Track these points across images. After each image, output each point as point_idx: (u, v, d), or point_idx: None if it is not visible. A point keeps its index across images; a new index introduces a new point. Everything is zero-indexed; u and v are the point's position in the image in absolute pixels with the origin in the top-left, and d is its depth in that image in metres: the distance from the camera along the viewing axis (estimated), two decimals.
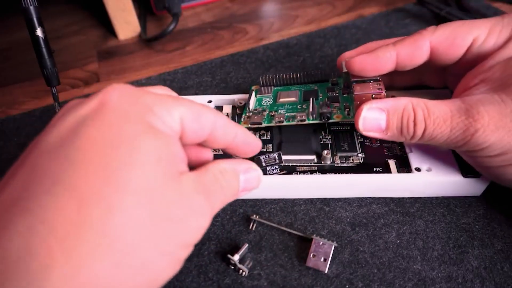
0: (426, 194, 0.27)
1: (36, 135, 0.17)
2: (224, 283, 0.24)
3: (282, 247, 0.26)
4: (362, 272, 0.24)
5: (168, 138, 0.17)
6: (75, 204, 0.14)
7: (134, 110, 0.17)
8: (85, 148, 0.15)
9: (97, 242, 0.14)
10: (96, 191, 0.14)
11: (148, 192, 0.15)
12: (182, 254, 0.17)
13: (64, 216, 0.14)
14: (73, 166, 0.15)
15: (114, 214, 0.14)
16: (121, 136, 0.16)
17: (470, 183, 0.26)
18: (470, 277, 0.23)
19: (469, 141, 0.22)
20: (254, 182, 0.22)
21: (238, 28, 0.49)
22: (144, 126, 0.16)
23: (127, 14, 0.47)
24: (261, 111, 0.30)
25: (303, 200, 0.28)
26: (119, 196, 0.15)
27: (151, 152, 0.16)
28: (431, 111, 0.23)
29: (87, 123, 0.16)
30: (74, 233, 0.14)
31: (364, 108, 0.24)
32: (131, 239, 0.15)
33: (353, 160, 0.28)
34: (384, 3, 0.51)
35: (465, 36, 0.25)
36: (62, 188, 0.14)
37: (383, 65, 0.26)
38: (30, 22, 0.28)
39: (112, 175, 0.15)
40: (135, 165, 0.15)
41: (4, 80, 0.44)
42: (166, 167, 0.16)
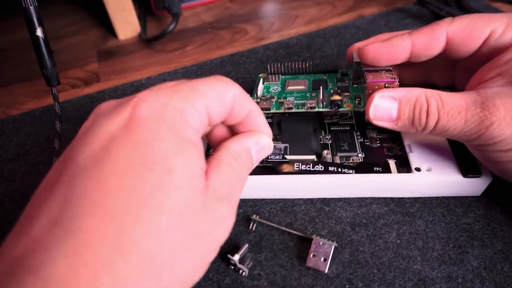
0: (426, 194, 0.27)
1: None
2: (224, 283, 0.24)
3: (282, 247, 0.26)
4: (362, 272, 0.24)
5: (197, 152, 0.17)
6: (115, 228, 0.14)
7: (165, 123, 0.16)
8: (120, 170, 0.15)
9: (137, 263, 0.14)
10: (133, 214, 0.15)
11: (181, 213, 0.16)
12: (211, 257, 0.18)
13: (106, 239, 0.14)
14: (110, 189, 0.15)
15: (151, 235, 0.15)
16: (153, 156, 0.16)
17: (470, 183, 0.26)
18: (470, 277, 0.23)
19: (483, 134, 0.21)
20: (266, 151, 0.22)
21: (238, 28, 0.49)
22: (175, 141, 0.16)
23: (127, 14, 0.47)
24: (269, 98, 0.30)
25: (303, 200, 0.28)
26: (154, 219, 0.15)
27: (182, 171, 0.16)
28: (445, 102, 0.22)
29: (118, 141, 0.16)
30: (116, 255, 0.14)
31: (376, 96, 0.24)
32: (166, 257, 0.15)
33: (353, 160, 0.28)
34: (384, 3, 0.51)
35: (482, 28, 0.24)
36: (102, 211, 0.14)
37: (398, 54, 0.25)
38: (30, 22, 0.28)
39: (147, 198, 0.15)
40: (168, 187, 0.16)
41: (4, 80, 0.44)
42: (195, 183, 0.17)
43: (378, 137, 0.30)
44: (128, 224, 0.14)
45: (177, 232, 0.16)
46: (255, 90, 0.30)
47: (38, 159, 0.33)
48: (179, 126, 0.17)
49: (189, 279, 0.17)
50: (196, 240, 0.17)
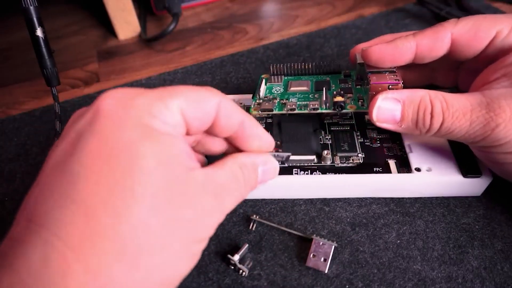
0: (426, 194, 0.27)
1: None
2: (224, 283, 0.24)
3: (282, 247, 0.26)
4: (362, 272, 0.24)
5: (168, 139, 0.17)
6: (83, 215, 0.15)
7: (130, 115, 0.16)
8: (87, 161, 0.15)
9: (109, 248, 0.15)
10: (101, 201, 0.15)
11: (153, 197, 0.16)
12: (196, 248, 0.18)
13: (75, 227, 0.14)
14: (78, 179, 0.15)
15: (122, 220, 0.15)
16: (119, 145, 0.16)
17: (470, 183, 0.26)
18: (470, 277, 0.23)
19: (488, 136, 0.21)
20: (271, 174, 0.22)
21: (238, 28, 0.49)
22: (141, 130, 0.16)
23: (127, 14, 0.47)
24: (271, 99, 0.29)
25: (303, 200, 0.28)
26: (125, 203, 0.15)
27: (151, 156, 0.16)
28: (450, 104, 0.22)
29: (85, 136, 0.16)
30: (86, 242, 0.14)
31: (379, 97, 0.24)
32: (142, 242, 0.15)
33: (353, 160, 0.28)
34: (384, 3, 0.51)
35: (488, 29, 0.24)
36: (70, 201, 0.15)
37: (402, 55, 0.25)
38: (30, 22, 0.28)
39: (116, 184, 0.15)
40: (137, 172, 0.15)
41: (4, 80, 0.44)
42: (168, 169, 0.16)
43: (378, 137, 0.30)
44: (97, 210, 0.15)
45: (151, 216, 0.15)
46: (257, 91, 0.30)
47: (38, 159, 0.33)
48: (145, 117, 0.17)
49: (173, 269, 0.17)
50: (176, 226, 0.16)
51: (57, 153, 0.16)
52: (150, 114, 0.17)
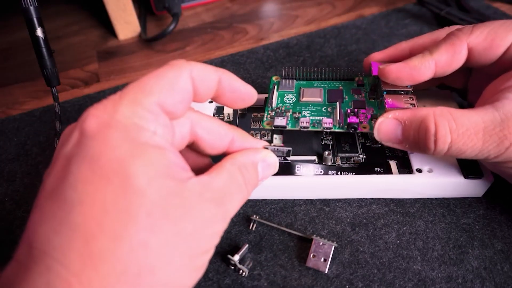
0: (427, 195, 0.27)
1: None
2: (224, 283, 0.24)
3: (282, 247, 0.26)
4: (362, 272, 0.24)
5: (157, 152, 0.17)
6: (82, 240, 0.15)
7: (115, 132, 0.16)
8: (79, 186, 0.15)
9: (110, 270, 0.15)
10: (98, 224, 0.15)
11: (148, 215, 0.15)
12: (201, 260, 0.18)
13: (75, 253, 0.15)
14: (72, 206, 0.15)
15: (120, 243, 0.15)
16: (109, 166, 0.16)
17: (471, 184, 0.26)
18: (470, 278, 0.23)
19: (502, 154, 0.20)
20: (272, 169, 0.22)
21: (238, 28, 0.49)
22: (129, 146, 0.16)
23: (127, 14, 0.47)
24: (284, 111, 0.29)
25: (303, 201, 0.28)
26: (121, 225, 0.15)
27: (141, 174, 0.16)
28: (460, 123, 0.21)
29: (74, 160, 0.16)
30: (88, 266, 0.14)
31: (381, 118, 0.23)
32: (142, 262, 0.15)
33: (354, 160, 0.28)
34: (384, 3, 0.51)
35: (504, 37, 0.23)
36: (68, 228, 0.15)
37: (421, 75, 0.24)
38: (30, 22, 0.28)
39: (110, 206, 0.15)
40: (129, 192, 0.15)
41: (4, 80, 0.44)
42: (161, 184, 0.16)
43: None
44: (95, 235, 0.15)
45: (149, 235, 0.15)
46: (269, 100, 0.29)
47: (38, 159, 0.33)
48: (131, 131, 0.16)
49: (179, 283, 0.17)
50: (176, 242, 0.16)
51: (51, 179, 0.16)
52: (136, 126, 0.16)
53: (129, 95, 0.17)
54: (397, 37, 0.44)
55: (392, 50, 0.29)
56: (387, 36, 0.45)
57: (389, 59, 0.29)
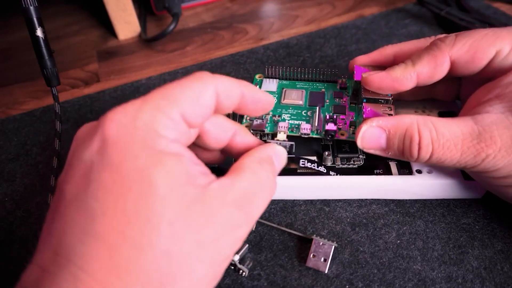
0: (427, 196, 0.27)
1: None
2: (224, 283, 0.24)
3: (282, 247, 0.26)
4: (362, 272, 0.24)
5: (177, 160, 0.17)
6: (106, 249, 0.15)
7: (136, 139, 0.16)
8: (101, 195, 0.16)
9: (134, 279, 0.15)
10: (121, 234, 0.15)
11: (170, 224, 0.15)
12: (221, 267, 0.18)
13: (99, 262, 0.15)
14: (95, 215, 0.15)
15: (143, 252, 0.15)
16: (130, 175, 0.16)
17: (471, 185, 0.26)
18: (470, 278, 0.23)
19: (478, 165, 0.21)
20: (282, 160, 0.22)
21: (238, 28, 0.49)
22: (149, 155, 0.16)
23: (127, 14, 0.47)
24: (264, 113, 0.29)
25: (303, 201, 0.28)
26: (144, 234, 0.15)
27: (162, 183, 0.16)
28: (440, 134, 0.21)
29: (95, 168, 0.16)
30: (112, 275, 0.15)
31: (364, 125, 0.23)
32: (165, 271, 0.15)
33: (354, 161, 0.28)
34: (384, 3, 0.51)
35: (487, 49, 0.23)
36: (91, 237, 0.15)
37: (403, 86, 0.25)
38: (30, 22, 0.28)
39: (132, 216, 0.15)
40: (150, 202, 0.15)
41: (4, 80, 0.44)
42: (182, 192, 0.16)
43: None
44: (117, 244, 0.15)
45: (172, 244, 0.15)
46: None
47: (38, 159, 0.33)
48: (151, 139, 0.16)
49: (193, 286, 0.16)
50: (199, 250, 0.16)
51: (71, 187, 0.16)
52: (155, 133, 0.17)
53: (152, 101, 0.17)
54: (397, 37, 0.44)
55: (377, 54, 0.28)
56: (387, 36, 0.45)
57: (374, 63, 0.29)
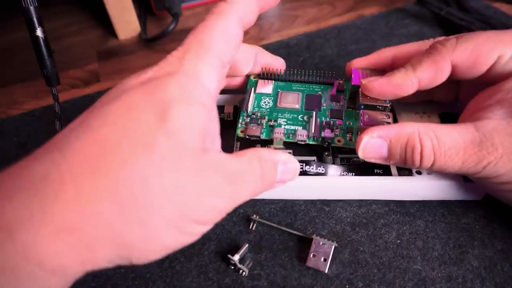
0: (426, 197, 0.27)
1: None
2: (224, 283, 0.24)
3: (282, 247, 0.26)
4: (362, 272, 0.24)
5: (203, 112, 0.18)
6: (97, 151, 0.15)
7: (176, 78, 0.18)
8: (120, 109, 0.17)
9: (106, 185, 0.15)
10: (117, 145, 0.16)
11: (163, 158, 0.16)
12: (191, 227, 0.18)
13: (83, 157, 0.15)
14: (105, 122, 0.16)
15: (125, 167, 0.15)
16: (154, 103, 0.17)
17: (471, 187, 0.26)
18: (470, 277, 0.23)
19: (480, 172, 0.21)
20: (291, 174, 0.22)
21: None
22: (180, 93, 0.17)
23: (127, 14, 0.47)
24: (259, 118, 0.28)
25: (303, 200, 0.28)
26: (136, 154, 0.16)
27: (178, 122, 0.17)
28: (442, 142, 0.21)
29: (131, 90, 0.18)
30: (87, 173, 0.15)
31: (365, 136, 0.23)
32: (137, 194, 0.16)
33: (353, 162, 0.28)
34: (384, 3, 0.51)
35: (489, 54, 0.23)
36: (91, 138, 0.16)
37: (403, 91, 0.24)
38: (30, 22, 0.28)
39: (135, 135, 0.16)
40: (159, 131, 0.16)
41: (4, 80, 0.44)
42: (189, 138, 0.17)
43: None
44: (109, 151, 0.16)
45: (154, 175, 0.16)
46: (245, 103, 0.28)
47: None
48: (190, 84, 0.18)
49: (160, 238, 0.17)
50: (175, 196, 0.16)
51: (103, 99, 0.18)
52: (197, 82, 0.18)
53: (192, 50, 0.19)
54: (397, 37, 0.44)
55: (375, 57, 0.28)
56: (387, 36, 0.45)
57: (372, 65, 0.28)
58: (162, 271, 0.25)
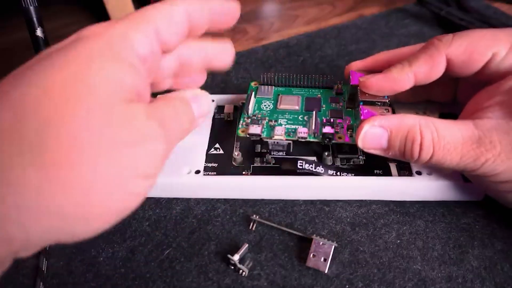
0: (426, 198, 0.27)
1: None
2: (224, 283, 0.24)
3: (282, 247, 0.26)
4: (362, 272, 0.24)
5: (128, 66, 0.17)
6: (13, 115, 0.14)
7: (101, 38, 0.17)
8: (37, 70, 0.16)
9: (27, 150, 0.14)
10: (35, 105, 0.15)
11: (89, 112, 0.15)
12: (136, 185, 0.17)
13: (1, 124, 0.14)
14: (22, 83, 0.15)
15: (48, 127, 0.14)
16: (75, 59, 0.16)
17: (471, 187, 0.26)
18: (470, 277, 0.23)
19: (478, 169, 0.21)
20: (205, 106, 0.22)
21: (238, 28, 0.49)
22: (104, 50, 0.17)
23: None
24: (260, 119, 0.28)
25: (303, 200, 0.28)
26: (56, 112, 0.14)
27: (101, 75, 0.16)
28: (442, 136, 0.21)
29: (52, 51, 0.17)
30: (6, 139, 0.14)
31: (366, 125, 0.23)
32: (64, 154, 0.14)
33: (353, 162, 0.28)
34: (384, 3, 0.51)
35: (484, 51, 0.23)
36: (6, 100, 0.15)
37: (400, 86, 0.25)
38: (30, 22, 0.28)
39: (54, 93, 0.15)
40: (80, 85, 0.15)
41: None
42: (115, 92, 0.16)
43: None
44: (26, 113, 0.14)
45: (84, 130, 0.15)
46: (246, 106, 0.29)
47: None
48: (116, 43, 0.17)
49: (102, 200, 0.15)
50: (111, 149, 0.15)
51: (24, 65, 0.17)
52: (124, 40, 0.18)
53: (127, 18, 0.19)
54: (397, 37, 0.44)
55: (372, 60, 0.29)
56: (387, 36, 0.45)
57: (369, 68, 0.29)
58: (162, 271, 0.25)
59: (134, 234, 0.27)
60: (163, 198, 0.29)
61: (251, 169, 0.28)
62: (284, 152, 0.27)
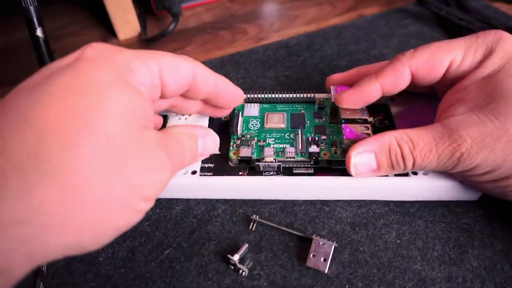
0: (423, 198, 0.27)
1: None
2: (224, 283, 0.24)
3: (282, 247, 0.26)
4: (362, 272, 0.24)
5: (138, 94, 0.18)
6: (35, 137, 0.15)
7: (109, 64, 0.18)
8: (54, 92, 0.16)
9: (50, 172, 0.15)
10: (56, 128, 0.15)
11: (108, 137, 0.16)
12: (140, 206, 0.18)
13: (22, 147, 0.15)
14: (39, 105, 0.16)
15: (70, 150, 0.15)
16: (91, 84, 0.17)
17: (467, 187, 0.26)
18: (470, 277, 0.23)
19: (457, 165, 0.23)
20: (211, 147, 0.24)
21: (238, 28, 0.49)
22: (116, 77, 0.17)
23: (127, 14, 0.47)
24: (249, 139, 0.29)
25: (303, 200, 0.28)
26: (78, 135, 0.15)
27: (117, 102, 0.17)
28: (416, 143, 0.23)
29: (60, 71, 0.17)
30: (30, 162, 0.15)
31: (352, 155, 0.24)
32: (84, 176, 0.15)
33: None
34: (384, 3, 0.51)
35: (442, 60, 0.25)
36: (24, 121, 0.15)
37: (370, 97, 0.27)
38: (30, 22, 0.28)
39: (75, 116, 0.16)
40: (99, 111, 0.16)
41: (4, 80, 0.44)
42: (130, 119, 0.17)
43: None
44: (47, 135, 0.15)
45: (100, 154, 0.16)
46: (234, 126, 0.30)
47: None
48: (123, 69, 0.18)
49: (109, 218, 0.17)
50: (124, 174, 0.17)
51: (28, 82, 0.17)
52: (129, 68, 0.18)
53: (136, 51, 0.19)
54: (397, 37, 0.44)
55: (351, 73, 0.30)
56: (387, 36, 0.45)
57: (348, 82, 0.30)
58: (162, 271, 0.25)
59: (134, 234, 0.27)
60: (163, 198, 0.29)
61: (247, 170, 0.28)
62: (275, 172, 0.28)
